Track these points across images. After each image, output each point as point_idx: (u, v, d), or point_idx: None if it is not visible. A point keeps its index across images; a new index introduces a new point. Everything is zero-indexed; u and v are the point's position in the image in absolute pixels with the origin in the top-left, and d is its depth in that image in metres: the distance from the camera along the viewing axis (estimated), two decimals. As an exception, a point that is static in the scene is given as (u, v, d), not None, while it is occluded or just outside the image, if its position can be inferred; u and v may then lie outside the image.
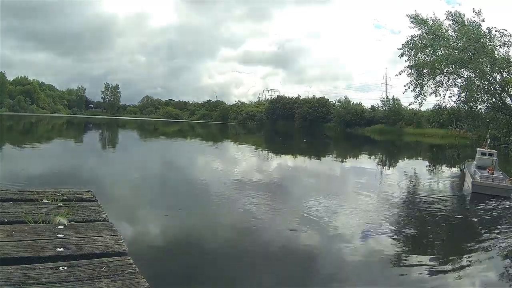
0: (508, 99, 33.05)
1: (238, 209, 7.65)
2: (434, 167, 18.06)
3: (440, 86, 34.53)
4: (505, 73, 32.26)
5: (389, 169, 17.88)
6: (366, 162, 19.66)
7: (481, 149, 13.18)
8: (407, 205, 9.38)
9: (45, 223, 1.40)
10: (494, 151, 12.80)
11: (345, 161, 19.96)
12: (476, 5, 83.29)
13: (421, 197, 10.51)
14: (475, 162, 12.90)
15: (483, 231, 7.25)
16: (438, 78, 34.07)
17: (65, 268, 1.08)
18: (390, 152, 28.22)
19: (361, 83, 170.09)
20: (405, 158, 22.67)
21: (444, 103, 35.28)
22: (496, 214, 8.89)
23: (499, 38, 31.80)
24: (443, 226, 7.46)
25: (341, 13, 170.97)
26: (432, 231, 7.17)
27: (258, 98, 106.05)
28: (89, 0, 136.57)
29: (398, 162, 20.07)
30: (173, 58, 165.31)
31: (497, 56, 31.96)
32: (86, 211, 1.59)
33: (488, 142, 13.67)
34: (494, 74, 32.93)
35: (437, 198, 10.30)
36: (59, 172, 10.34)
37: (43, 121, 51.33)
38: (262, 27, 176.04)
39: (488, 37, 31.79)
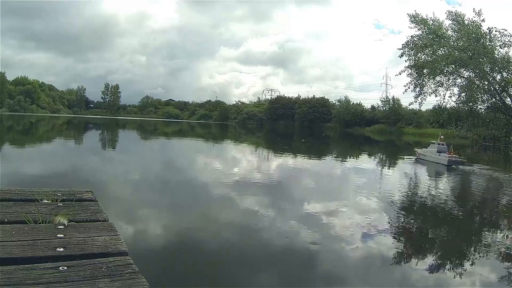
0: (508, 99, 33.08)
1: (238, 209, 7.65)
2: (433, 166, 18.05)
3: (440, 86, 34.64)
4: (505, 73, 32.30)
5: (388, 169, 17.88)
6: (365, 162, 19.66)
7: (437, 141, 18.69)
8: (407, 203, 9.38)
9: (45, 223, 1.40)
10: (444, 142, 18.50)
11: (343, 161, 19.97)
12: (476, 5, 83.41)
13: (421, 195, 10.51)
14: (433, 149, 18.30)
15: (484, 228, 7.25)
16: (438, 78, 34.15)
17: (65, 268, 1.08)
18: (390, 152, 28.23)
19: (361, 83, 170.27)
20: (405, 158, 23.22)
21: (444, 103, 35.36)
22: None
23: (499, 38, 31.91)
24: (443, 224, 7.46)
25: (341, 13, 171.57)
26: (432, 229, 7.17)
27: (258, 98, 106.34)
28: (89, 0, 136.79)
29: (397, 162, 20.10)
30: (173, 58, 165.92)
31: (497, 56, 32.00)
32: (86, 211, 1.59)
33: (442, 137, 19.21)
34: (494, 74, 32.99)
35: (436, 195, 10.32)
36: (59, 172, 10.34)
37: (43, 121, 51.34)
38: (262, 27, 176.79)
39: (488, 37, 31.84)
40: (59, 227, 1.38)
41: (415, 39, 34.29)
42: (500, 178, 14.64)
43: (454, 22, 33.52)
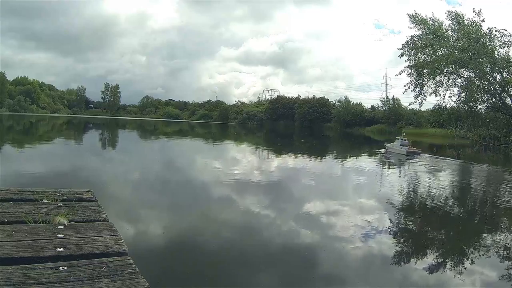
0: (508, 99, 33.06)
1: (238, 209, 7.66)
2: (433, 166, 18.08)
3: (440, 86, 34.63)
4: (505, 73, 32.28)
5: (388, 169, 17.87)
6: (364, 162, 19.66)
7: (401, 137, 22.83)
8: (407, 203, 9.39)
9: (45, 223, 1.40)
10: (406, 138, 22.91)
11: (342, 161, 19.98)
12: (476, 5, 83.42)
13: (420, 195, 10.51)
14: (397, 144, 22.27)
15: (484, 227, 7.25)
16: (438, 78, 34.14)
17: (65, 268, 1.08)
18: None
19: (361, 83, 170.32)
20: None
21: (444, 103, 35.35)
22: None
23: (499, 38, 31.89)
24: (442, 223, 7.47)
25: (341, 13, 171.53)
26: (432, 228, 7.17)
27: (258, 98, 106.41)
28: (89, 0, 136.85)
29: (396, 161, 20.10)
30: (173, 58, 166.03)
31: (497, 56, 31.98)
32: (86, 211, 1.59)
33: (405, 134, 24.04)
34: (494, 74, 32.98)
35: (436, 194, 10.32)
36: (59, 172, 10.34)
37: (43, 121, 51.33)
38: (262, 27, 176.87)
39: (488, 37, 31.82)
40: (59, 227, 1.38)
41: (415, 39, 34.29)
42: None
43: (454, 22, 33.50)
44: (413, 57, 34.50)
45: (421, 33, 34.13)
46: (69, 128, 42.42)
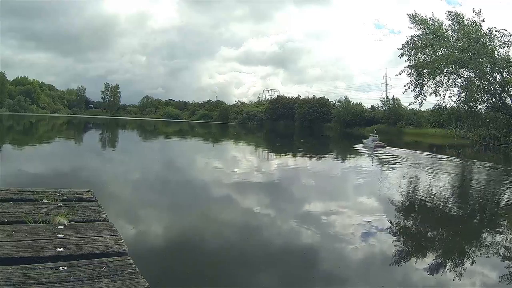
0: (508, 99, 33.04)
1: (238, 209, 7.66)
2: (433, 166, 18.07)
3: (440, 86, 34.62)
4: (505, 73, 32.25)
5: (388, 168, 17.86)
6: (363, 162, 19.65)
7: (373, 134, 27.85)
8: (407, 203, 9.39)
9: (45, 223, 1.40)
10: (377, 135, 27.78)
11: (342, 161, 19.99)
12: (476, 5, 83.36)
13: (420, 195, 10.51)
14: (370, 139, 26.84)
15: (483, 228, 7.26)
16: (438, 78, 34.12)
17: (65, 268, 1.08)
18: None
19: (361, 83, 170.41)
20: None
21: (444, 103, 35.33)
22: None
23: (499, 38, 31.87)
24: (442, 223, 7.46)
25: (341, 13, 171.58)
26: (432, 228, 7.17)
27: (258, 98, 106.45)
28: (89, 0, 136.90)
29: (396, 161, 20.10)
30: (173, 58, 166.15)
31: (497, 56, 31.95)
32: (86, 211, 1.59)
33: (375, 131, 29.05)
34: (494, 74, 32.94)
35: (436, 194, 10.32)
36: (59, 172, 10.34)
37: (43, 121, 51.31)
38: (262, 27, 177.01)
39: (488, 37, 31.80)
40: (59, 227, 1.38)
41: (415, 39, 34.27)
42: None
43: (454, 22, 33.47)
44: (413, 57, 34.50)
45: (421, 33, 34.12)
46: (69, 128, 42.41)
